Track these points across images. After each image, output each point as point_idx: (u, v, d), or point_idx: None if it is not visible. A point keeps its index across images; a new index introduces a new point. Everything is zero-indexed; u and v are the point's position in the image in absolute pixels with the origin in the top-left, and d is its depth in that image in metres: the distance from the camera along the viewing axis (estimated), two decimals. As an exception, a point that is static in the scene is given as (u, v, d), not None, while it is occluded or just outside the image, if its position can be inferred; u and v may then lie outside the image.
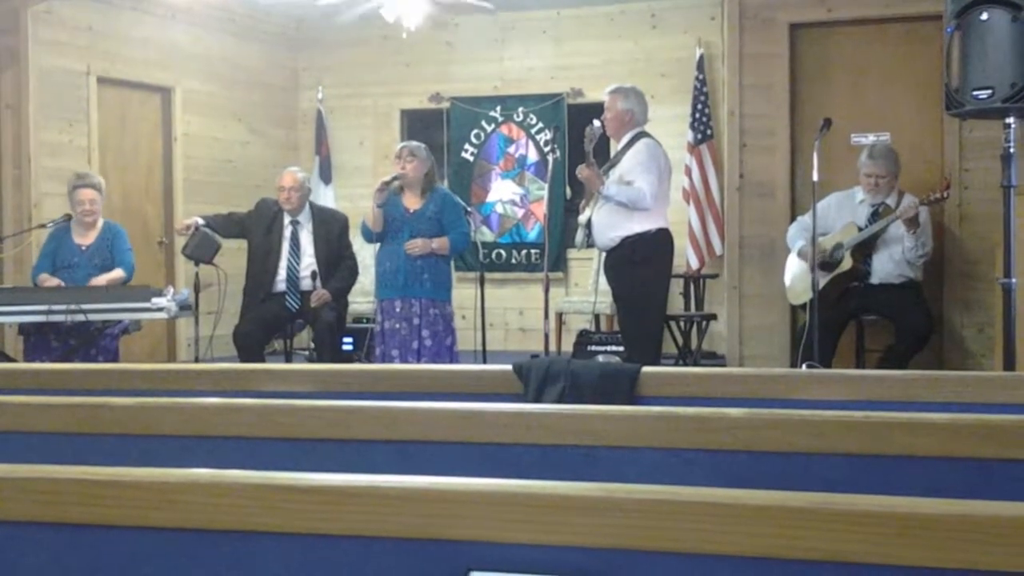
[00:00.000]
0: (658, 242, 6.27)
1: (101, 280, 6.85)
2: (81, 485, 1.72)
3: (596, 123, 6.33)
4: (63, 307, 6.29)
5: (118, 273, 6.97)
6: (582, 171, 6.25)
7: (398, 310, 6.73)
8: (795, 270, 6.90)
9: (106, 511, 1.71)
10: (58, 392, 3.10)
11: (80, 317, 6.33)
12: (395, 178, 6.80)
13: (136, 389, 3.18)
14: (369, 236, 6.90)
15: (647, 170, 6.17)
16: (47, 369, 3.62)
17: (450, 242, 6.79)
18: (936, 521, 1.43)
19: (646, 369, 3.04)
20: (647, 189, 6.10)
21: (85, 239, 7.02)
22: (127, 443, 2.59)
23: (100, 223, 7.12)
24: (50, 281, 6.82)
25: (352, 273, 7.30)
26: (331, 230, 7.26)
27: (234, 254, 7.72)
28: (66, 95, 8.67)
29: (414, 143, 7.01)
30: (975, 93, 5.29)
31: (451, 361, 6.77)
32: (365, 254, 7.68)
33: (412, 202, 6.85)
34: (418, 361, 6.63)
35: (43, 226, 7.13)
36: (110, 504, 1.71)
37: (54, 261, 6.97)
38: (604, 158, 6.82)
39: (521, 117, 10.15)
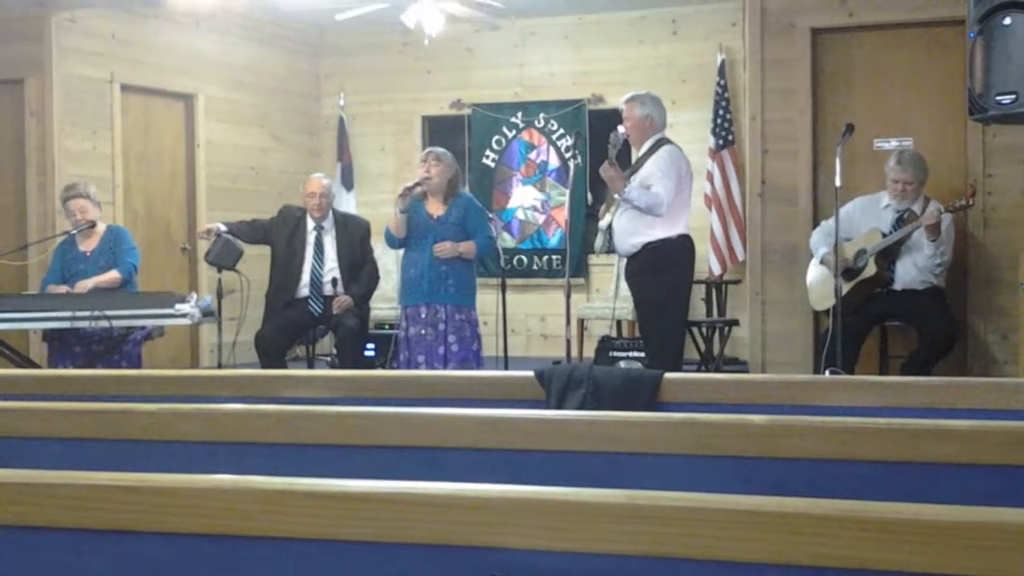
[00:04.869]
0: (679, 248, 6.25)
1: (87, 284, 6.77)
2: (104, 491, 1.73)
3: (620, 129, 6.32)
4: (87, 313, 6.32)
5: (112, 275, 6.93)
6: (606, 170, 6.22)
7: (423, 316, 6.72)
8: (818, 275, 6.87)
9: (129, 517, 1.71)
10: (81, 398, 3.12)
11: (104, 323, 6.36)
12: (418, 183, 6.78)
13: (159, 395, 3.20)
14: (393, 242, 6.91)
15: (666, 176, 6.16)
16: (71, 375, 3.64)
17: (476, 246, 6.79)
18: (962, 529, 1.43)
19: (668, 375, 3.04)
20: (664, 196, 6.09)
21: (88, 245, 7.03)
22: (150, 449, 2.60)
23: (102, 228, 7.14)
24: (56, 290, 6.84)
25: (373, 278, 7.32)
26: (353, 236, 7.28)
27: (256, 260, 7.75)
28: (90, 103, 8.73)
29: (440, 149, 6.98)
30: (998, 98, 5.27)
31: (478, 366, 6.76)
32: (387, 260, 7.70)
33: (435, 208, 6.83)
34: (445, 366, 6.61)
35: (67, 233, 7.17)
36: (133, 510, 1.72)
37: (62, 270, 7.00)
38: (625, 164, 6.80)
39: (542, 123, 10.16)
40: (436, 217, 6.79)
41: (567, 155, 9.92)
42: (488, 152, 10.31)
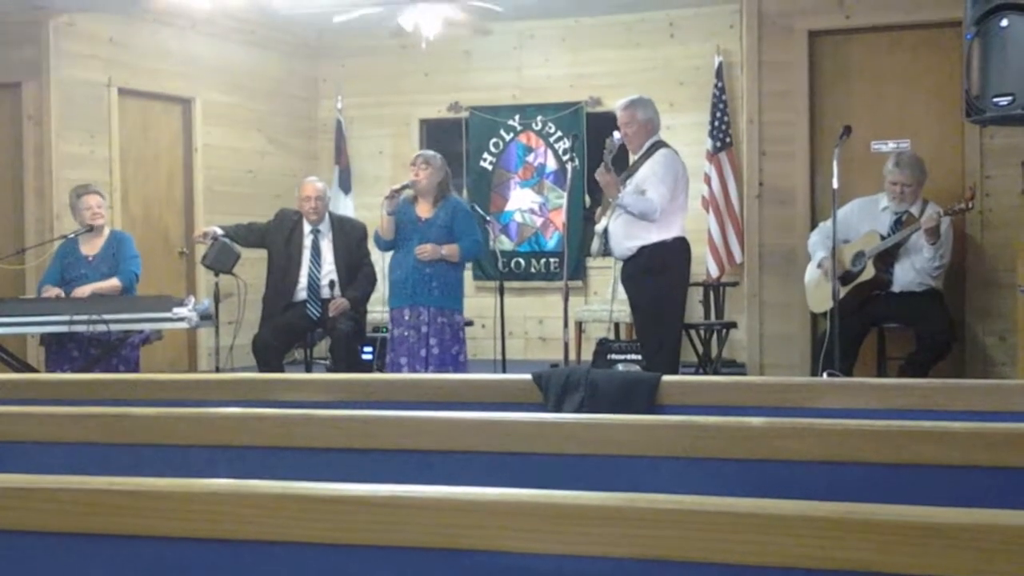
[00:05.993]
0: (675, 251, 6.26)
1: (86, 290, 6.77)
2: (102, 495, 1.73)
3: (616, 135, 6.34)
4: (85, 317, 6.31)
5: (113, 283, 6.92)
6: (602, 175, 6.25)
7: (407, 318, 6.74)
8: (816, 277, 6.87)
9: (127, 521, 1.71)
10: (79, 402, 3.12)
11: (101, 327, 6.35)
12: (405, 186, 6.83)
13: (156, 399, 3.19)
14: (381, 244, 6.94)
15: (662, 181, 6.17)
16: (68, 379, 3.64)
17: (460, 249, 6.80)
18: (960, 531, 1.43)
19: (666, 378, 3.04)
20: (657, 202, 6.11)
21: (91, 249, 7.02)
22: (147, 453, 2.60)
23: (106, 232, 7.14)
24: (50, 292, 6.83)
25: (370, 281, 7.33)
26: (350, 239, 7.29)
27: (254, 264, 7.74)
28: (87, 106, 8.72)
29: (430, 152, 7.03)
30: (995, 100, 5.27)
31: (456, 371, 6.73)
32: (385, 263, 7.70)
33: (424, 210, 6.86)
34: (425, 369, 6.63)
35: (64, 237, 7.16)
36: (131, 514, 1.71)
37: (62, 274, 6.99)
38: (620, 167, 6.81)
39: (540, 126, 10.16)
40: (424, 219, 6.82)
41: (565, 158, 9.91)
42: (486, 155, 10.30)
